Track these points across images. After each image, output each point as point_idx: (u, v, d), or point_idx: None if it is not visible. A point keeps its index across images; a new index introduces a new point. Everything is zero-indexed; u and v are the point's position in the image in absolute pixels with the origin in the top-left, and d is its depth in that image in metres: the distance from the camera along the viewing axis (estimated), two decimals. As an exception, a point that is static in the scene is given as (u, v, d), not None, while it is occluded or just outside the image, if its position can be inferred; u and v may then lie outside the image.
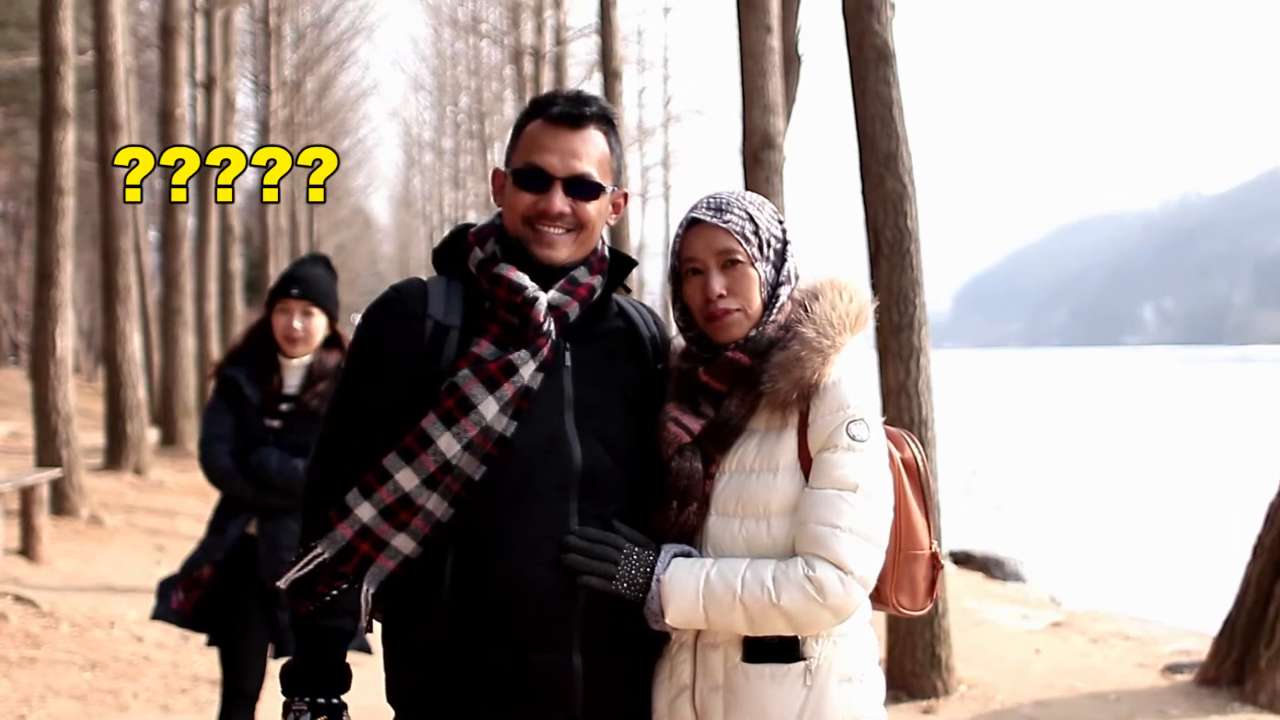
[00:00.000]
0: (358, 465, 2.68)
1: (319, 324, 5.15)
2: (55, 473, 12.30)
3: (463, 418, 2.59)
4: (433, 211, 63.17)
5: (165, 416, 21.71)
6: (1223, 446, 33.53)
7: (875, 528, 2.60)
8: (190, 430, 21.40)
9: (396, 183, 75.65)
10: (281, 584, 2.71)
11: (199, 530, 13.56)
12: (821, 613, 2.55)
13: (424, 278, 2.85)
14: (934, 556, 2.86)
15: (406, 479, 2.61)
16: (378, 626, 2.79)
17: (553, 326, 2.67)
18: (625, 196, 2.89)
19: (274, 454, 4.99)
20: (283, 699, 2.72)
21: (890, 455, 2.75)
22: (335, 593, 2.67)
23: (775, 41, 9.77)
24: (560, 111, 2.73)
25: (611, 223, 2.86)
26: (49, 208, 13.21)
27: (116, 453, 16.79)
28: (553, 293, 2.70)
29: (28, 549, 11.12)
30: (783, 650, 2.61)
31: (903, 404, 7.29)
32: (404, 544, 2.63)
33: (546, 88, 24.63)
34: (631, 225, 19.12)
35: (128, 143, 16.82)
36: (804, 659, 2.62)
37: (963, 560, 14.20)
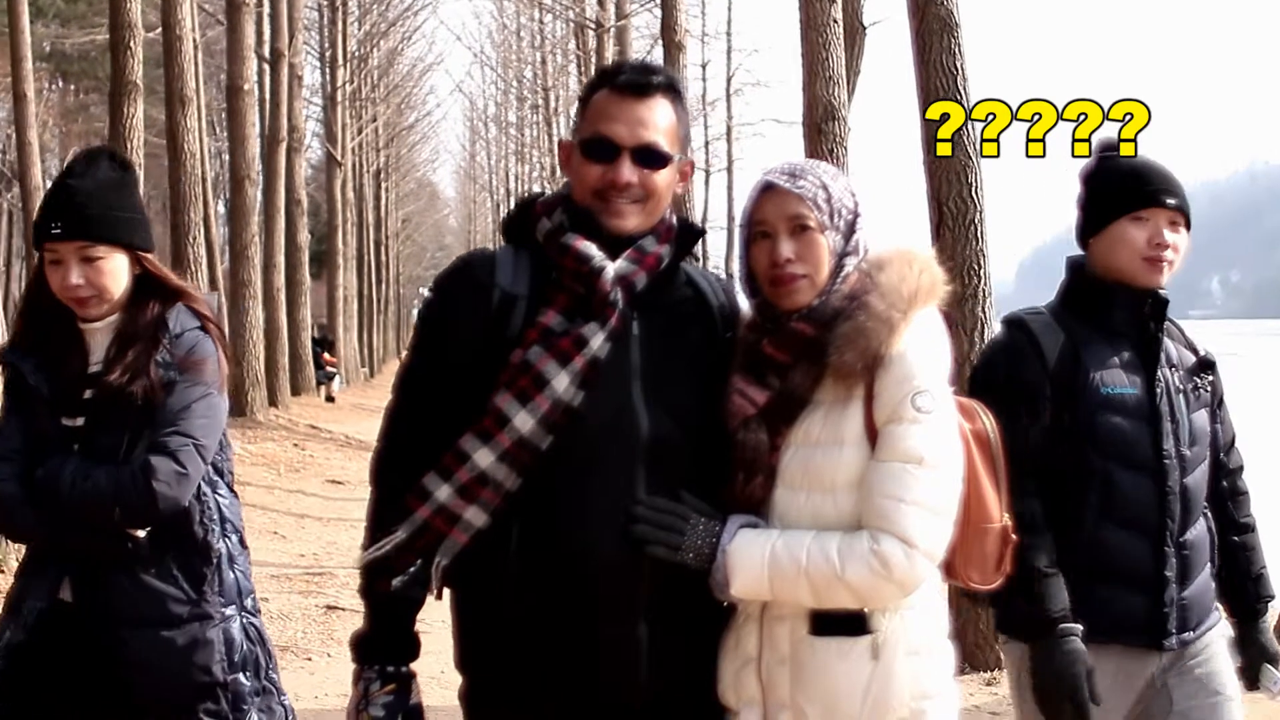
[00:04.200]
0: (428, 436, 2.70)
1: (114, 268, 3.36)
2: (125, 443, 12.40)
3: (537, 394, 2.60)
4: (498, 185, 63.34)
5: (234, 387, 21.85)
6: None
7: (942, 500, 2.58)
8: (260, 400, 21.61)
9: (461, 156, 76.08)
10: (357, 565, 2.74)
11: (268, 500, 13.88)
12: (886, 586, 2.54)
13: (492, 248, 2.87)
14: (1005, 530, 2.84)
15: (483, 457, 2.62)
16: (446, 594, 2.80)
17: (620, 296, 2.67)
18: (692, 165, 2.89)
19: (68, 465, 3.26)
20: (353, 667, 2.76)
21: (960, 427, 2.73)
22: (412, 569, 2.68)
23: (838, 12, 9.69)
24: (627, 81, 2.73)
25: (679, 191, 2.86)
26: (120, 181, 13.32)
27: (185, 423, 16.93)
28: (620, 262, 2.69)
29: (101, 517, 11.17)
30: (850, 623, 2.60)
31: (966, 376, 7.17)
32: (476, 517, 2.64)
33: (609, 60, 24.58)
34: (695, 198, 19.14)
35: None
36: (871, 632, 2.60)
37: (1021, 536, 14.04)
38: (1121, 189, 3.45)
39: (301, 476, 16.22)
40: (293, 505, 13.87)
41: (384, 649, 2.74)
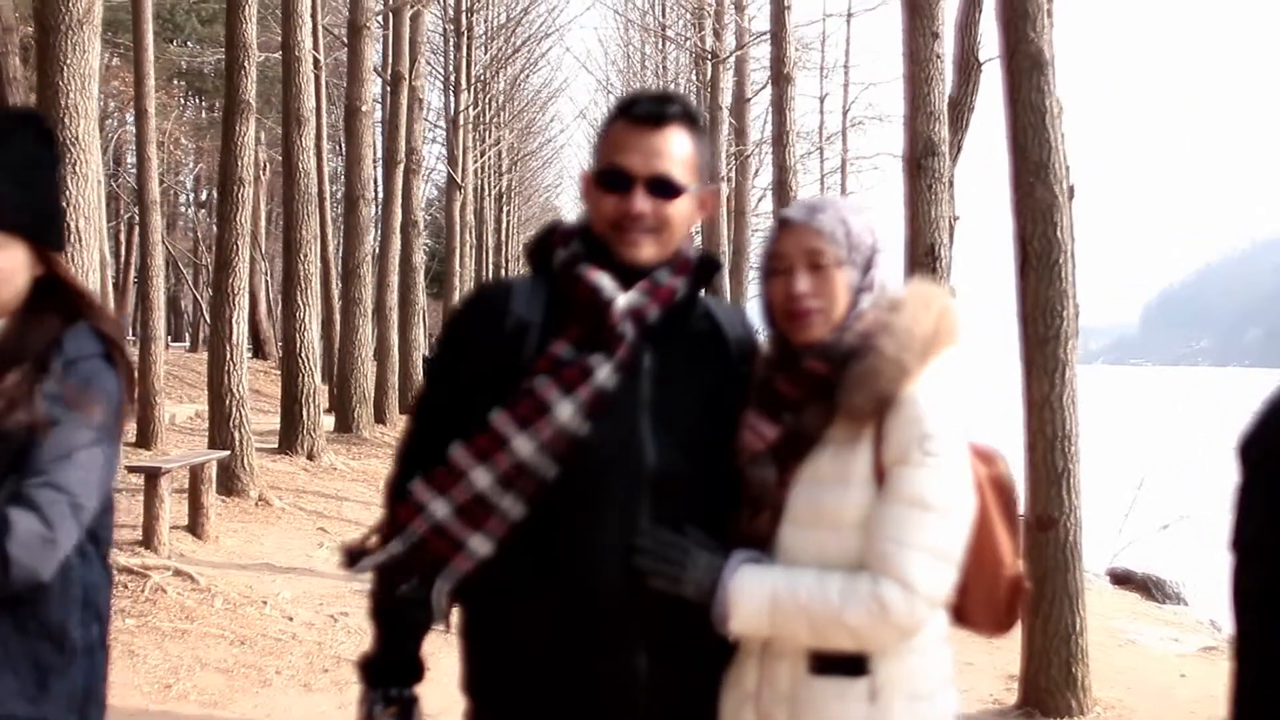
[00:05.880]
0: (441, 462, 2.69)
1: (10, 263, 2.64)
2: (222, 454, 12.78)
3: (538, 419, 2.60)
4: (620, 212, 63.56)
5: (342, 403, 22.26)
6: None
7: (946, 546, 2.55)
8: (366, 417, 21.93)
9: (585, 183, 76.54)
10: (356, 570, 2.74)
11: (363, 516, 14.07)
12: (885, 630, 2.52)
13: (511, 276, 2.89)
14: (1018, 578, 2.79)
15: (480, 477, 2.61)
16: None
17: (630, 328, 2.66)
18: (713, 195, 2.87)
19: None
20: (359, 689, 2.77)
21: (976, 472, 2.68)
22: (405, 587, 2.68)
23: (940, 47, 9.65)
24: (642, 111, 2.72)
25: (698, 220, 2.86)
26: (229, 198, 13.69)
27: (291, 437, 17.30)
28: (632, 294, 2.68)
29: (194, 526, 11.54)
30: (849, 664, 2.58)
31: (1045, 417, 7.17)
32: (480, 545, 2.63)
33: (726, 92, 24.63)
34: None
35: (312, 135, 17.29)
36: (869, 674, 2.58)
37: (1121, 579, 13.79)
38: None
39: (400, 493, 16.33)
40: (387, 522, 13.94)
41: (388, 672, 2.75)
